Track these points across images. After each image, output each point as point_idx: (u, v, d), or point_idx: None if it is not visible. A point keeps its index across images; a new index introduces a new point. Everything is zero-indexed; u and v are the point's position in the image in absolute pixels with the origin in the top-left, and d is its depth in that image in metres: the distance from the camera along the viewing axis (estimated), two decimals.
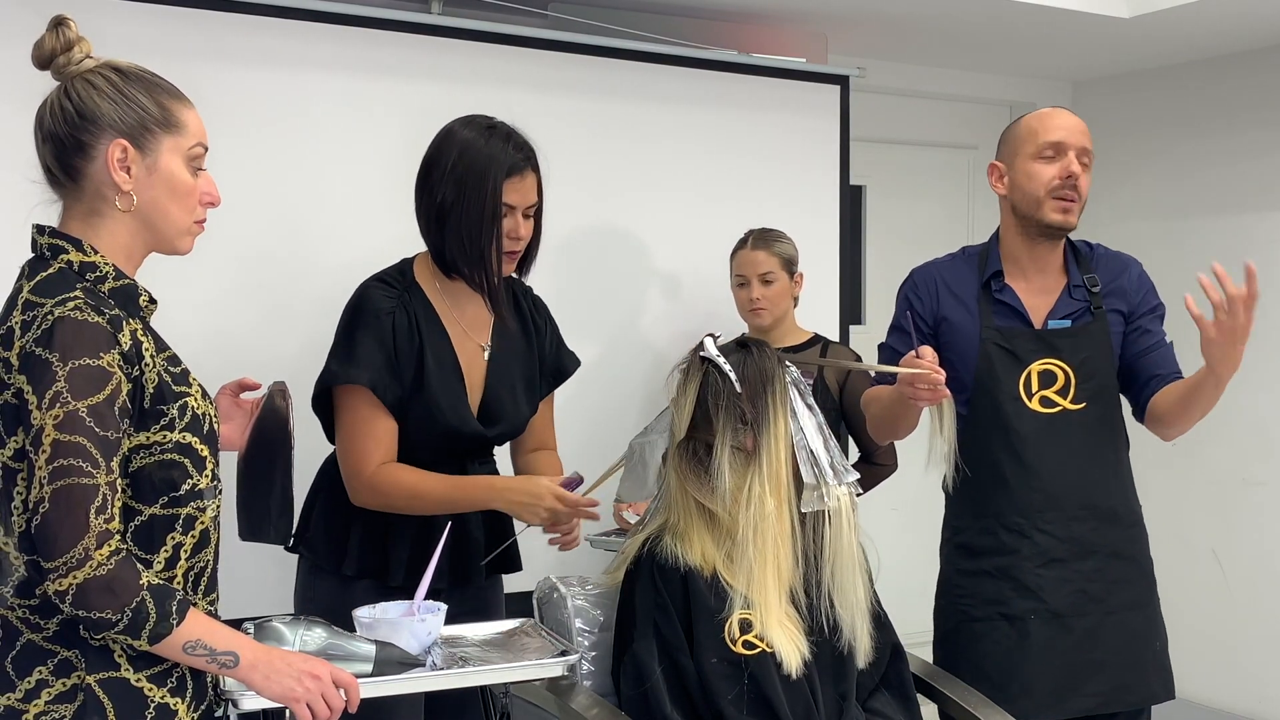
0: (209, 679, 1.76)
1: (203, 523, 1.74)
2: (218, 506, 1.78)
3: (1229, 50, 4.31)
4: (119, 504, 1.62)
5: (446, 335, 2.38)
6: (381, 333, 2.31)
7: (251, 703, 1.73)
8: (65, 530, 1.56)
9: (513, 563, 2.53)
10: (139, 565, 1.61)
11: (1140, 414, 2.57)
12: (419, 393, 2.33)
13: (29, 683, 1.63)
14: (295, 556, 2.47)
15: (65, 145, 1.69)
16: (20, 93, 1.86)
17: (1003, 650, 2.50)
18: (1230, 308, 2.22)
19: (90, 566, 1.56)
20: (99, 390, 1.59)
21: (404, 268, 2.42)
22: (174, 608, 1.61)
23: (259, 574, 2.57)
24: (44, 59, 1.72)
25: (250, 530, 1.91)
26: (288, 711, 1.73)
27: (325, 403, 2.38)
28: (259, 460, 1.90)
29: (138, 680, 1.66)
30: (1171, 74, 4.54)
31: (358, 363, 2.29)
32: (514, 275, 2.48)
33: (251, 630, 1.80)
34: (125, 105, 1.69)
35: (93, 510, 1.57)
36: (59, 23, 1.72)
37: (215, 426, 1.78)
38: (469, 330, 2.42)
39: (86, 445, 1.58)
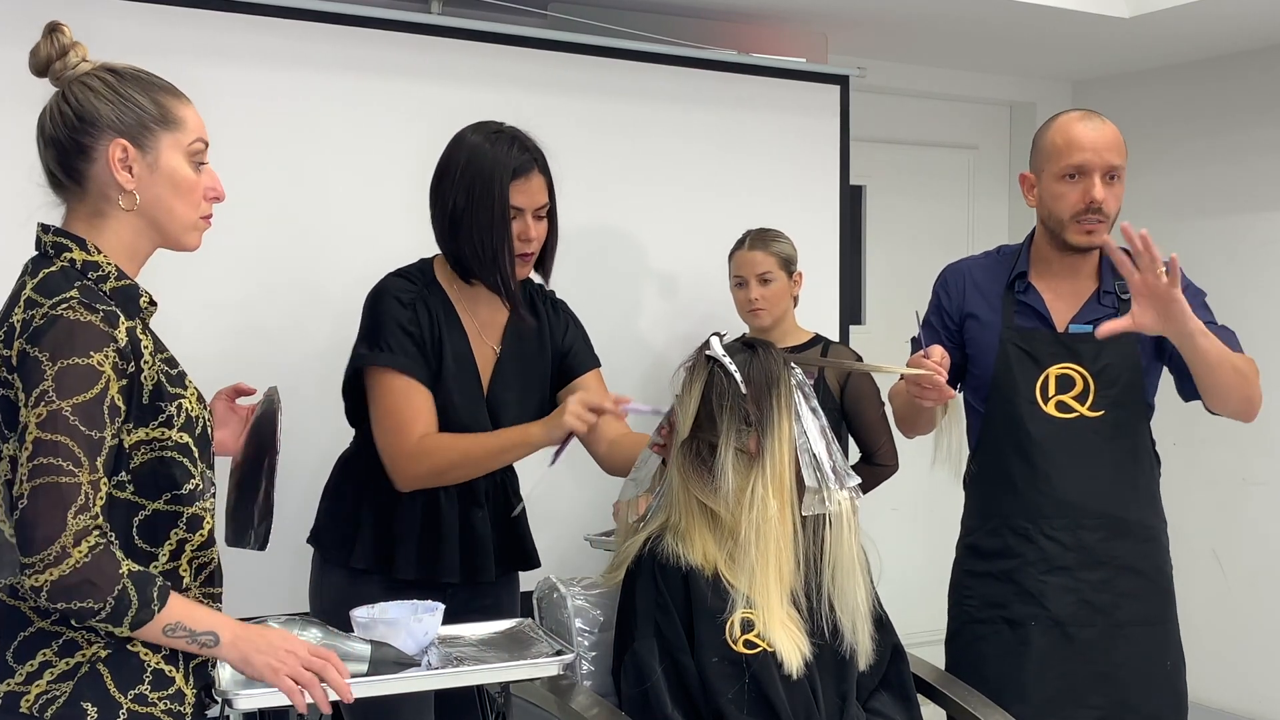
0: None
1: (209, 523, 1.75)
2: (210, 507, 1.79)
3: (1229, 50, 4.31)
4: (102, 500, 1.62)
5: (465, 335, 2.40)
6: (406, 319, 2.33)
7: (247, 702, 1.73)
8: (42, 527, 1.56)
9: (529, 559, 2.54)
10: (118, 555, 1.61)
11: (1186, 396, 2.49)
12: (436, 386, 2.35)
13: (31, 665, 1.64)
14: (291, 557, 2.47)
15: (66, 149, 1.70)
16: (20, 94, 1.86)
17: (1002, 655, 2.48)
18: (1143, 264, 2.18)
19: (67, 564, 1.56)
20: (87, 389, 1.59)
21: (424, 266, 2.43)
22: (155, 594, 1.62)
23: (259, 574, 2.56)
24: (40, 66, 1.73)
25: (235, 536, 1.91)
26: (290, 711, 1.73)
27: (355, 387, 2.38)
28: (251, 466, 1.90)
29: (133, 646, 1.67)
30: (1171, 74, 4.53)
31: (388, 344, 2.31)
32: (532, 278, 2.48)
33: None
34: (123, 105, 1.70)
35: (72, 509, 1.57)
36: (52, 29, 1.72)
37: (209, 431, 1.79)
38: (483, 332, 2.42)
39: (69, 444, 1.58)
